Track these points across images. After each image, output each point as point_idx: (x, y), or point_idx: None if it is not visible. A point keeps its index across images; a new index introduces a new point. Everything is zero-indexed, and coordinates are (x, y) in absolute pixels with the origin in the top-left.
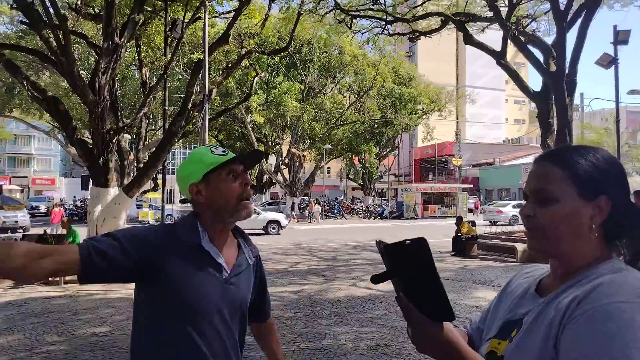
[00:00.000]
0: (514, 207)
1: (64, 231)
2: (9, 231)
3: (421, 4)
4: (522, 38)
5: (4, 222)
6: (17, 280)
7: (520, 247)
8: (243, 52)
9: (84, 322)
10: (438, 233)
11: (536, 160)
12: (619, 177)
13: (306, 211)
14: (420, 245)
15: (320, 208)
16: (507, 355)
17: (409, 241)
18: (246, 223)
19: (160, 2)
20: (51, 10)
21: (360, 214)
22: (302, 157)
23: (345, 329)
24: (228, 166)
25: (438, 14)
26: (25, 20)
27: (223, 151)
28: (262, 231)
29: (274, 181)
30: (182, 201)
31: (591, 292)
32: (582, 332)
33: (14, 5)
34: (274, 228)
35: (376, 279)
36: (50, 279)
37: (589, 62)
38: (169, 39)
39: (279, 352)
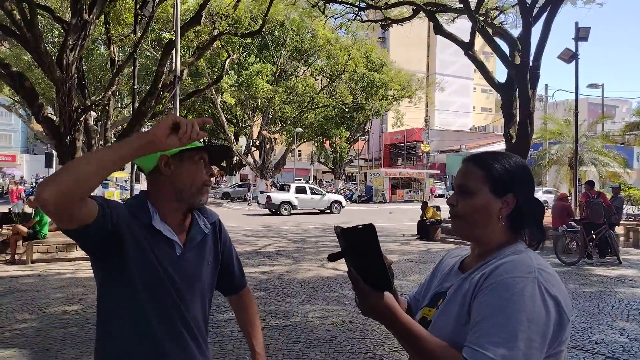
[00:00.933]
0: None
1: (29, 211)
2: None
3: None
4: (490, 30)
5: None
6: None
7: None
8: (215, 33)
9: (55, 300)
10: (404, 217)
11: (463, 160)
12: (525, 180)
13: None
14: (369, 229)
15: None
16: (434, 320)
17: (360, 226)
18: (314, 203)
19: None
20: None
21: None
22: (273, 140)
23: (312, 307)
24: (201, 152)
25: (410, 2)
26: None
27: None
28: (327, 210)
29: (244, 163)
30: (139, 170)
31: (495, 269)
32: (486, 299)
33: None
34: (336, 208)
35: (332, 257)
36: (16, 258)
37: (554, 55)
38: (139, 17)
39: (255, 332)
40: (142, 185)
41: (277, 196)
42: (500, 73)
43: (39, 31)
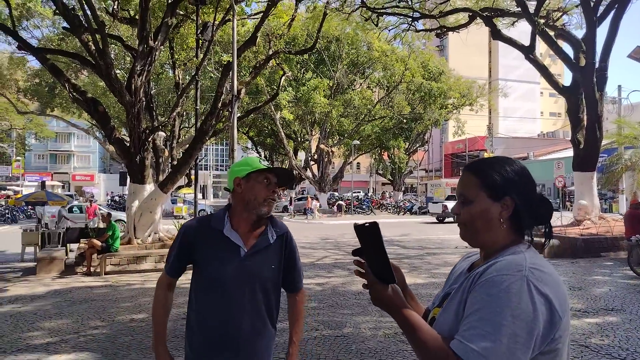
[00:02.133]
0: None
1: (103, 225)
2: (56, 225)
3: (448, 0)
4: (552, 32)
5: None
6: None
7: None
8: (271, 52)
9: (124, 309)
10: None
11: (462, 170)
12: (522, 183)
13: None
14: (373, 227)
15: (318, 204)
16: (437, 317)
17: (367, 223)
18: None
19: (191, 6)
20: (90, 15)
21: (390, 209)
22: (331, 153)
23: (365, 319)
24: (265, 173)
25: (465, 9)
26: (66, 25)
27: (267, 164)
28: None
29: (303, 177)
30: (225, 189)
31: (488, 267)
32: (475, 295)
33: (57, 11)
34: None
35: (354, 252)
36: (92, 269)
37: (626, 54)
38: (200, 41)
39: (297, 325)
40: (208, 200)
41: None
42: (569, 76)
43: (110, 59)
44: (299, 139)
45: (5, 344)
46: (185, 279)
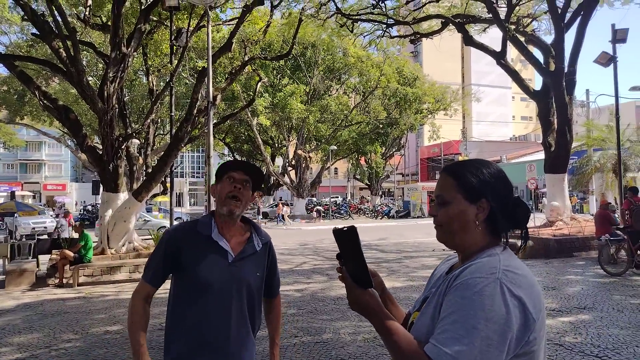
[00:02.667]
0: None
1: (77, 235)
2: (24, 237)
3: (422, 7)
4: (522, 38)
5: (34, 228)
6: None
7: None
8: (246, 58)
9: (98, 321)
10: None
11: (440, 172)
12: (498, 186)
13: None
14: (351, 231)
15: (288, 210)
16: (415, 321)
17: (345, 228)
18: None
19: (165, 12)
20: (60, 21)
21: (367, 213)
22: (309, 159)
23: (344, 324)
24: (229, 173)
25: (438, 16)
26: (36, 32)
27: (242, 161)
28: None
29: (281, 183)
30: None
31: (463, 270)
32: (449, 298)
33: (25, 17)
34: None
35: (337, 256)
36: (64, 281)
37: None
38: (175, 47)
39: (276, 326)
40: (184, 208)
41: None
42: (540, 80)
43: (81, 66)
44: (276, 144)
45: None
46: (161, 289)
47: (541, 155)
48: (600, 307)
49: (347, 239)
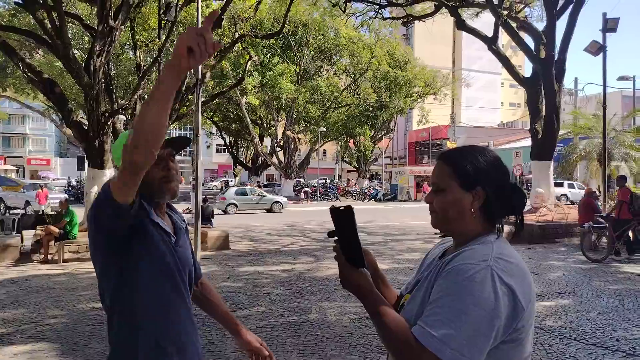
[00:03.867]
0: None
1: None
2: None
3: None
4: (514, 24)
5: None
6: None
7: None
8: (237, 35)
9: (83, 297)
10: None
11: (436, 158)
12: (494, 173)
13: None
14: (348, 211)
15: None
16: (405, 304)
17: (342, 207)
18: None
19: None
20: None
21: (355, 196)
22: (297, 140)
23: (331, 304)
24: None
25: None
26: (19, 0)
27: None
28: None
29: (269, 163)
30: None
31: (455, 256)
32: (440, 283)
33: None
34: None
35: (330, 233)
36: (49, 257)
37: (583, 48)
38: (163, 22)
39: (227, 309)
40: None
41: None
42: (530, 67)
43: (67, 39)
44: (265, 125)
45: None
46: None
47: (528, 142)
48: (580, 292)
49: (344, 218)
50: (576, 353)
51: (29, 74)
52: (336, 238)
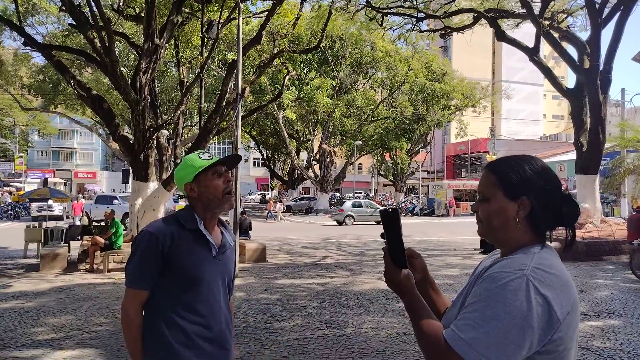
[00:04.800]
0: None
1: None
2: (55, 220)
3: (453, 0)
4: (556, 34)
5: (39, 211)
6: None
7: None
8: (275, 51)
9: None
10: (469, 231)
11: (484, 168)
12: (541, 183)
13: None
14: (394, 213)
15: (281, 207)
16: (447, 310)
17: (390, 209)
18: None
19: (197, 4)
20: (96, 11)
21: None
22: (333, 153)
23: (367, 319)
24: (212, 168)
25: (470, 10)
26: (72, 22)
27: (209, 156)
28: None
29: (305, 177)
30: (179, 197)
31: (494, 264)
32: (475, 289)
33: (63, 8)
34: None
35: (382, 235)
36: (95, 267)
37: (631, 57)
38: (205, 39)
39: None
40: None
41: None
42: (573, 78)
43: (115, 56)
44: (302, 138)
45: (10, 339)
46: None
47: (572, 156)
48: (630, 313)
49: (390, 220)
50: None
51: (80, 91)
52: (385, 239)
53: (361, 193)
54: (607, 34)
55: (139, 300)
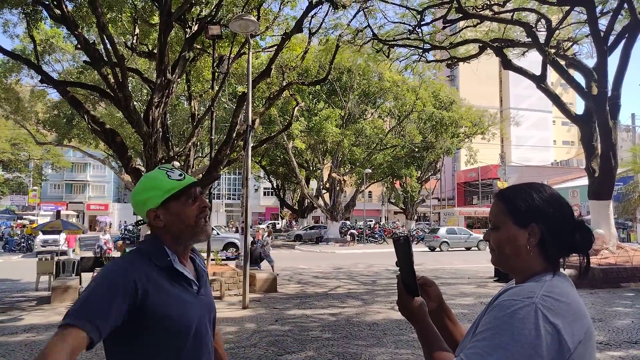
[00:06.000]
0: None
1: (116, 253)
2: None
3: (458, 32)
4: (562, 62)
5: (43, 246)
6: None
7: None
8: (284, 83)
9: None
10: (482, 258)
11: (493, 196)
12: (550, 210)
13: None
14: (406, 241)
15: (270, 238)
16: (461, 341)
17: (402, 238)
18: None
19: (208, 40)
20: (110, 49)
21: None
22: (343, 182)
23: (380, 350)
24: (187, 191)
25: (475, 40)
26: (87, 59)
27: (180, 175)
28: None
29: (315, 205)
30: (137, 223)
31: (503, 292)
32: (486, 318)
33: (78, 46)
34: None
35: (396, 263)
36: None
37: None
38: (216, 74)
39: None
40: (223, 228)
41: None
42: (581, 104)
43: (128, 92)
44: (311, 167)
45: None
46: None
47: (584, 181)
48: None
49: (402, 248)
50: None
51: (93, 125)
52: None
53: (372, 221)
54: (613, 60)
55: (74, 344)
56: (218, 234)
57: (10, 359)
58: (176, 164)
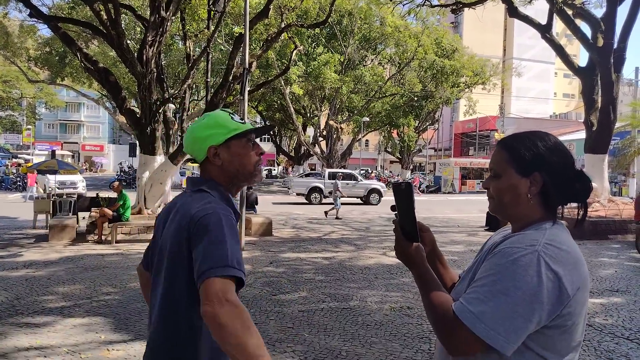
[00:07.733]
0: None
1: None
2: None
3: None
4: (570, 11)
5: (59, 188)
6: None
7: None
8: (283, 25)
9: (135, 276)
10: (474, 208)
11: (496, 144)
12: (553, 159)
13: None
14: (407, 187)
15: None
16: (456, 284)
17: (402, 183)
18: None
19: None
20: None
21: None
22: (340, 130)
23: (371, 292)
24: (249, 134)
25: None
26: None
27: (241, 119)
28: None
29: (311, 153)
30: (189, 160)
31: (505, 240)
32: (486, 264)
33: None
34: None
35: (392, 208)
36: (103, 238)
37: None
38: (212, 12)
39: None
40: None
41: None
42: (585, 57)
43: (122, 29)
44: (308, 114)
45: (22, 306)
46: None
47: (581, 135)
48: (634, 291)
49: (403, 194)
50: (628, 352)
51: (86, 64)
52: (396, 212)
53: (367, 170)
54: (622, 11)
55: (233, 290)
56: None
57: (11, 292)
58: (171, 106)
